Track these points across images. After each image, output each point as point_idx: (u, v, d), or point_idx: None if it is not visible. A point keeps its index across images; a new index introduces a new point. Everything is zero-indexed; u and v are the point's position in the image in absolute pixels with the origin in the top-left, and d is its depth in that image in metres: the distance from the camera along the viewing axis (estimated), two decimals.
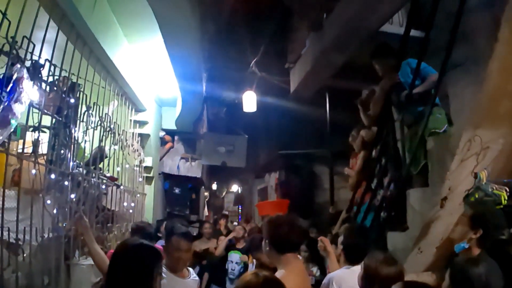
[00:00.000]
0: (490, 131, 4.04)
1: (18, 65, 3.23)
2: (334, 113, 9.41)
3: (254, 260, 7.05)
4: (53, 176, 4.00)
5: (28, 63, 3.47)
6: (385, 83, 5.59)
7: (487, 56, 4.15)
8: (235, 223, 12.23)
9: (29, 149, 3.87)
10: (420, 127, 5.08)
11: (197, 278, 3.94)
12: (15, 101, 3.09)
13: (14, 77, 3.15)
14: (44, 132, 4.14)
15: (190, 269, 3.94)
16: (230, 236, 7.38)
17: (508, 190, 3.67)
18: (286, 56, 9.77)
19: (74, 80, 4.54)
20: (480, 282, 2.51)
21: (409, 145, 5.28)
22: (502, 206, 3.58)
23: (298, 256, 3.39)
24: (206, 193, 15.39)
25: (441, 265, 3.79)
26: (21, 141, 3.77)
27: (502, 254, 3.11)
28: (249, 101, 10.26)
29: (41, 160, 3.94)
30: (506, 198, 3.64)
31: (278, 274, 2.94)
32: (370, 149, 6.03)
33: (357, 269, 3.40)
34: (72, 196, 4.38)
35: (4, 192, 3.38)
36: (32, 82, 3.37)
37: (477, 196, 3.77)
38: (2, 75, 3.20)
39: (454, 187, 4.13)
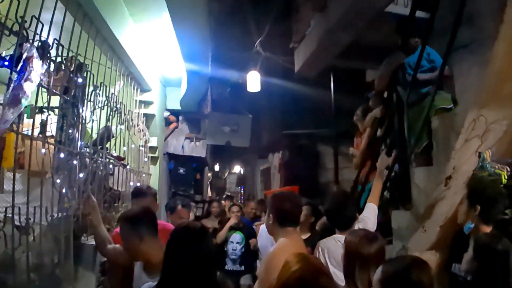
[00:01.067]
0: (494, 111, 4.06)
1: (28, 45, 3.25)
2: (338, 93, 9.40)
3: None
4: (62, 155, 4.03)
5: (36, 44, 3.49)
6: (392, 60, 5.60)
7: (492, 38, 4.14)
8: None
9: (36, 131, 3.90)
10: (425, 106, 5.11)
11: None
12: (26, 80, 3.11)
13: (24, 56, 3.17)
14: (52, 113, 4.16)
15: None
16: (229, 223, 7.39)
17: (509, 169, 3.71)
18: (291, 36, 9.73)
19: (81, 61, 4.55)
20: (505, 257, 2.58)
21: (413, 124, 5.31)
22: (502, 185, 3.63)
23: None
24: (209, 174, 15.43)
25: (445, 244, 3.85)
26: (30, 121, 3.79)
27: (507, 234, 3.13)
28: (253, 81, 10.26)
29: (50, 141, 3.98)
30: (506, 177, 3.68)
31: (279, 242, 3.33)
32: (376, 128, 6.05)
33: (341, 238, 3.53)
34: (81, 175, 4.42)
35: (14, 174, 3.42)
36: (41, 62, 3.38)
37: (482, 175, 3.81)
38: (11, 55, 3.23)
39: (459, 166, 4.16)
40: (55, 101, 4.18)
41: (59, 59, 4.03)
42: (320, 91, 9.94)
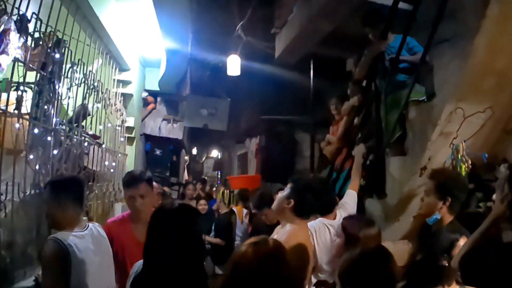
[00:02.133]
0: (472, 105, 4.12)
1: (5, 17, 3.18)
2: (318, 80, 9.39)
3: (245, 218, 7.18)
4: (36, 131, 3.97)
5: (15, 17, 3.42)
6: (372, 49, 5.62)
7: (474, 32, 4.18)
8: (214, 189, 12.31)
9: (11, 107, 3.82)
10: (401, 97, 5.15)
11: None
12: (1, 53, 3.05)
13: (1, 28, 3.11)
14: (26, 91, 4.09)
15: None
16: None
17: (470, 162, 3.76)
18: (273, 21, 9.71)
19: (60, 37, 4.48)
20: None
21: (389, 114, 5.36)
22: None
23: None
24: (186, 157, 15.40)
25: (418, 233, 3.90)
26: (5, 98, 3.71)
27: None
28: (233, 65, 10.22)
29: (25, 118, 3.91)
30: (466, 170, 3.74)
31: (287, 227, 3.24)
32: (353, 116, 6.08)
33: (328, 222, 3.63)
34: (55, 152, 4.36)
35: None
36: (18, 35, 3.32)
37: (457, 168, 3.86)
38: None
39: (434, 157, 4.23)
40: (31, 77, 4.11)
41: (37, 34, 3.96)
42: (300, 78, 9.94)
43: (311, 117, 10.13)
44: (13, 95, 3.82)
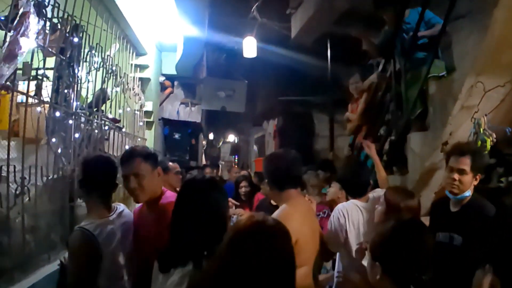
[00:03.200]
0: (492, 79, 4.07)
1: (24, 0, 3.21)
2: (335, 60, 9.35)
3: None
4: (58, 114, 4.01)
5: (33, 2, 3.44)
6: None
7: (492, 5, 4.13)
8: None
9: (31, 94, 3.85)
10: (421, 73, 5.12)
11: None
12: (22, 35, 3.08)
13: (20, 11, 3.13)
14: (47, 77, 4.12)
15: None
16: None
17: (494, 136, 3.73)
18: (288, 1, 9.64)
19: (77, 22, 4.50)
20: None
21: (409, 90, 5.34)
22: (487, 152, 3.66)
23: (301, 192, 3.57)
24: (203, 142, 15.45)
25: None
26: (25, 88, 3.73)
27: (500, 203, 3.18)
28: (250, 47, 10.19)
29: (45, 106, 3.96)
30: (491, 143, 3.71)
31: (280, 209, 2.97)
32: (372, 93, 6.06)
33: (360, 204, 3.70)
34: (76, 135, 4.40)
35: (10, 133, 3.40)
36: (37, 19, 3.35)
37: (478, 143, 3.83)
38: (7, 15, 3.19)
39: (455, 132, 4.19)
40: (50, 63, 4.14)
41: (55, 20, 3.98)
42: (317, 58, 9.90)
43: (329, 96, 10.10)
44: (32, 83, 3.86)
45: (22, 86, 3.83)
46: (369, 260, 2.22)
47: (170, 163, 5.36)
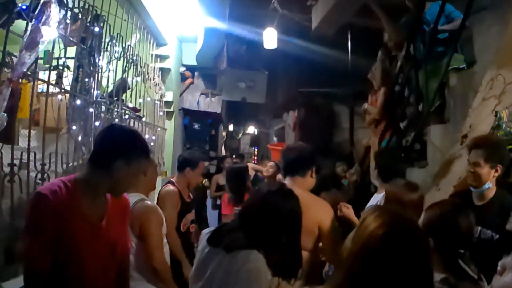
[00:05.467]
0: None
1: None
2: (355, 52, 9.33)
3: None
4: (78, 102, 4.07)
5: None
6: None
7: None
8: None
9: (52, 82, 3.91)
10: (441, 66, 5.09)
11: None
12: (43, 24, 3.13)
13: (42, 0, 3.19)
14: (68, 66, 4.18)
15: None
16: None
17: None
18: None
19: (98, 12, 4.55)
20: None
21: (429, 82, 5.31)
22: None
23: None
24: (223, 133, 15.49)
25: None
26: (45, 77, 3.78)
27: None
28: (270, 38, 10.16)
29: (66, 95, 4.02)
30: None
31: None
32: (393, 85, 6.04)
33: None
34: (97, 123, 4.46)
35: (30, 121, 3.47)
36: (59, 8, 3.40)
37: (498, 135, 3.80)
38: (28, 5, 3.24)
39: (475, 125, 4.15)
40: (71, 52, 4.20)
41: (76, 10, 4.04)
42: (337, 50, 9.86)
43: (349, 88, 10.07)
44: (53, 72, 3.92)
45: (42, 76, 3.87)
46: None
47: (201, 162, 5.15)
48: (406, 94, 5.88)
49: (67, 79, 4.09)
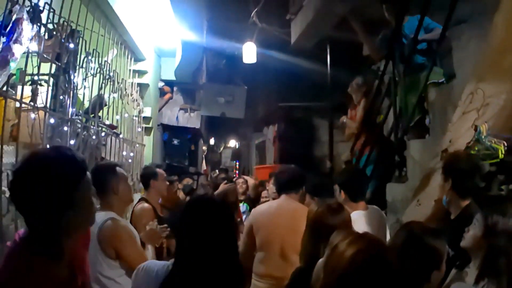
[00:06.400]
0: (493, 85, 4.01)
1: (18, 6, 3.17)
2: (335, 65, 9.32)
3: None
4: (52, 120, 3.97)
5: (27, 8, 3.40)
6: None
7: (492, 10, 4.09)
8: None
9: (26, 100, 3.80)
10: (420, 79, 5.10)
11: None
12: (15, 42, 3.05)
13: (13, 17, 3.09)
14: (41, 83, 4.07)
15: None
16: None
17: (506, 144, 3.67)
18: (288, 7, 9.62)
19: (73, 27, 4.46)
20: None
21: (407, 96, 5.32)
22: (498, 160, 3.59)
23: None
24: (204, 148, 15.42)
25: (439, 217, 3.83)
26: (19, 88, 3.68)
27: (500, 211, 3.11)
28: (249, 52, 10.17)
29: (40, 111, 3.91)
30: (504, 152, 3.64)
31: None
32: (372, 99, 6.04)
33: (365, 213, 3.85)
34: (72, 142, 4.36)
35: (2, 139, 3.36)
36: (31, 25, 3.31)
37: (476, 149, 3.77)
38: (1, 18, 3.15)
39: (455, 139, 4.12)
40: (45, 68, 4.10)
41: (50, 26, 3.94)
42: (317, 64, 9.89)
43: (328, 102, 10.07)
44: (28, 88, 3.82)
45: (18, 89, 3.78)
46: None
47: (158, 169, 5.12)
48: (385, 108, 5.87)
49: (41, 97, 3.97)
